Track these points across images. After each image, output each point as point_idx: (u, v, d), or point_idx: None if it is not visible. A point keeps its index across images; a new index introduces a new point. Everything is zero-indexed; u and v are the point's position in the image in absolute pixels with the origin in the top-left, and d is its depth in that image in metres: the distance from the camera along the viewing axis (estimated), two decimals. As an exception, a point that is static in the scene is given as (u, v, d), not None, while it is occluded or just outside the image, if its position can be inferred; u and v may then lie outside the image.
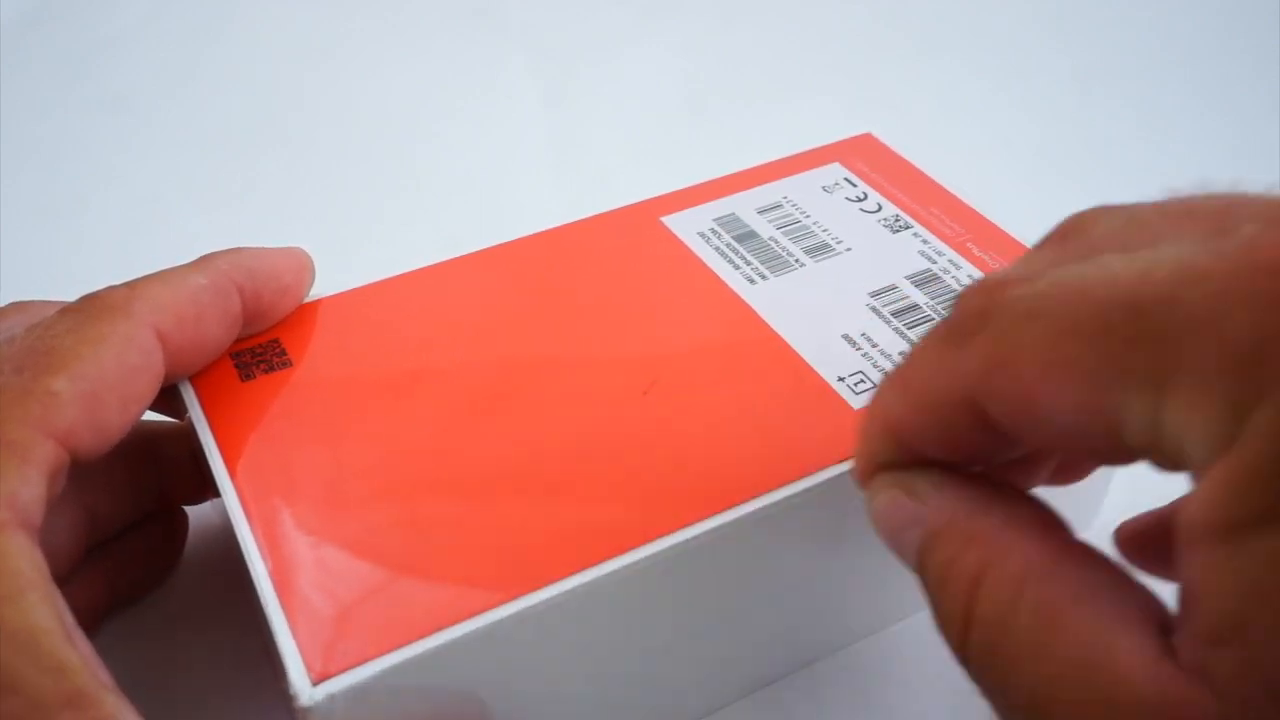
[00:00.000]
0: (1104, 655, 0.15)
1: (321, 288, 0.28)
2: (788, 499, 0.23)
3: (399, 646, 0.20)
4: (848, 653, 0.28)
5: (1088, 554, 0.18)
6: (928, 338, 0.19)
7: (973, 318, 0.18)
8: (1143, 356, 0.15)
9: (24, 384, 0.21)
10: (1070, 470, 0.23)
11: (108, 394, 0.22)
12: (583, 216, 0.31)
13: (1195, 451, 0.14)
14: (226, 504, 0.23)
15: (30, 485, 0.20)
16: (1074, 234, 0.19)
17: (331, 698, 0.20)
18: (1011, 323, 0.17)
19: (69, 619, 0.20)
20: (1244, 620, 0.14)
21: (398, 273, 0.29)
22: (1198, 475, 0.15)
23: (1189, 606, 0.15)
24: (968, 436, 0.19)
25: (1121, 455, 0.16)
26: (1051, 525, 0.18)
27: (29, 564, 0.19)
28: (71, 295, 0.27)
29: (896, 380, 0.20)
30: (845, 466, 0.23)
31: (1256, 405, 0.14)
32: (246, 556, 0.22)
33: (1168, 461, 0.15)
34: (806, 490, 0.23)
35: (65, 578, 0.25)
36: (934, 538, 0.19)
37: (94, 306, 0.23)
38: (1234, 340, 0.14)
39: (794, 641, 0.27)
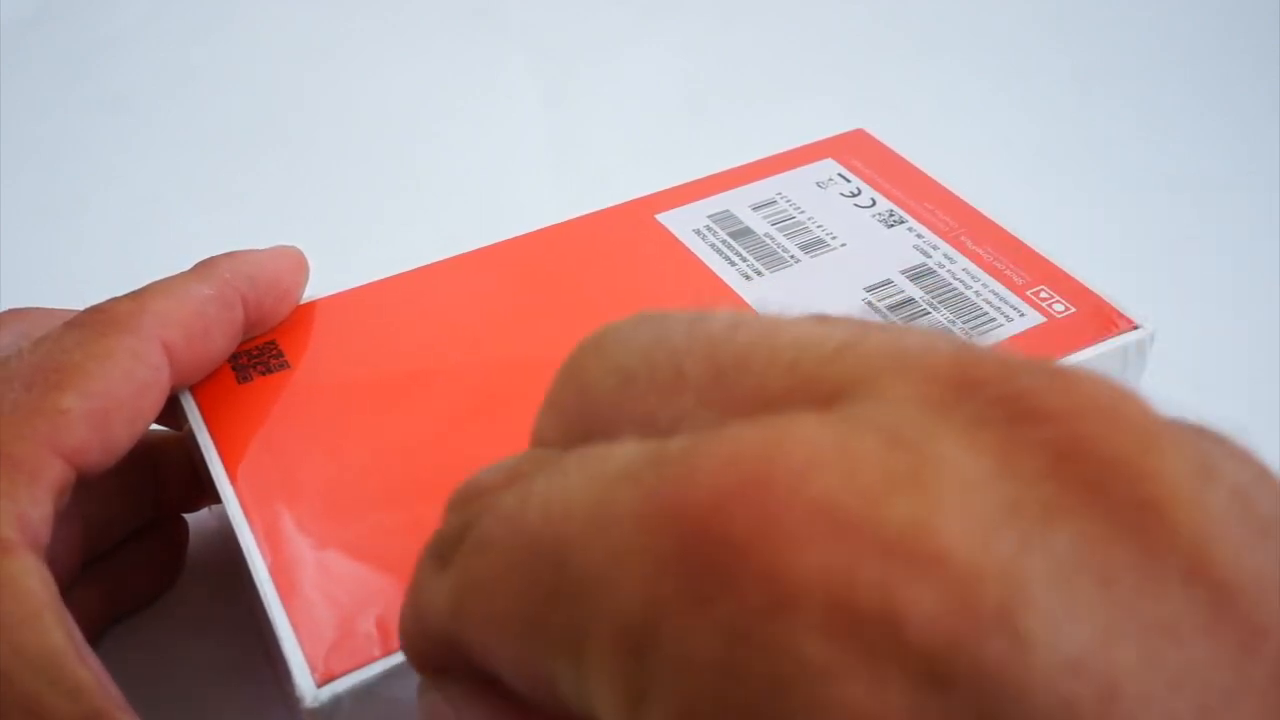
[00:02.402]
0: None
1: (321, 288, 0.28)
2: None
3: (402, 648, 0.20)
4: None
5: None
6: (426, 548, 0.16)
7: (450, 537, 0.15)
8: (560, 616, 0.12)
9: (33, 401, 0.21)
10: None
11: (116, 410, 0.22)
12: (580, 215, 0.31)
13: None
14: (226, 508, 0.23)
15: (39, 505, 0.20)
16: (571, 390, 0.16)
17: (336, 698, 0.20)
18: (469, 555, 0.14)
19: (79, 637, 0.20)
20: None
21: (395, 273, 0.29)
22: None
23: None
24: (464, 668, 0.15)
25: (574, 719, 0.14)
26: None
27: (41, 585, 0.20)
28: (72, 296, 0.27)
29: (409, 590, 0.17)
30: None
31: (648, 699, 0.11)
32: (248, 560, 0.22)
33: None
34: None
35: (64, 591, 0.25)
36: None
37: (101, 321, 0.23)
38: (626, 613, 0.11)
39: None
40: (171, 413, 0.25)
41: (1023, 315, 0.27)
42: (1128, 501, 0.11)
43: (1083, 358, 0.26)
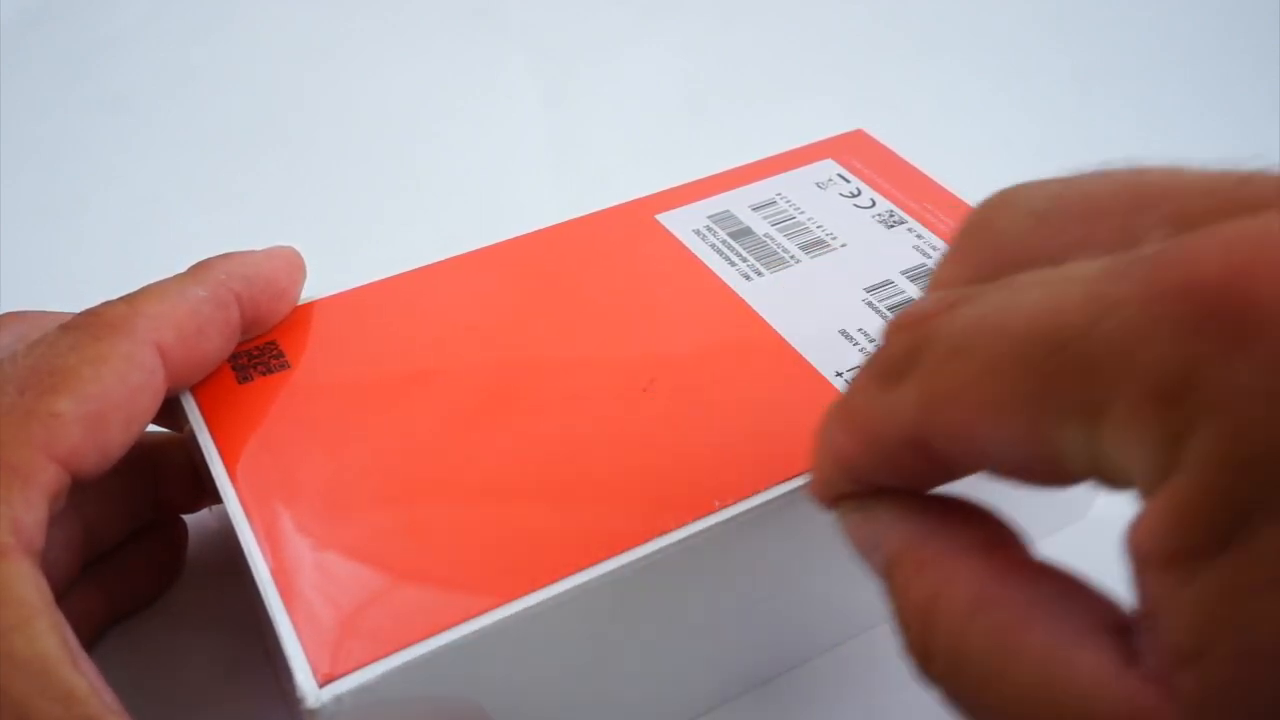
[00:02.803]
0: (1064, 671, 0.15)
1: (321, 288, 0.28)
2: (787, 495, 0.23)
3: (403, 648, 0.20)
4: (846, 648, 0.28)
5: (1038, 569, 0.17)
6: (864, 372, 0.19)
7: (901, 357, 0.17)
8: (1071, 390, 0.15)
9: (27, 405, 0.21)
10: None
11: (111, 414, 0.22)
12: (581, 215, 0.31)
13: (1137, 477, 0.14)
14: (227, 508, 0.23)
15: (33, 509, 0.20)
16: (982, 238, 0.19)
17: (338, 699, 0.20)
18: (938, 362, 0.17)
19: (74, 643, 0.20)
20: (1204, 645, 0.14)
21: (395, 273, 0.29)
22: (1143, 500, 0.14)
23: (1150, 623, 0.15)
24: (916, 469, 0.18)
25: (1069, 481, 0.16)
26: (1003, 543, 0.18)
27: (34, 590, 0.19)
28: (72, 296, 0.27)
29: (841, 414, 0.19)
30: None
31: (1189, 435, 0.13)
32: (249, 560, 0.22)
33: (1115, 484, 0.15)
34: (807, 485, 0.23)
35: (62, 593, 0.25)
36: (891, 565, 0.18)
37: (95, 324, 0.23)
38: (1158, 371, 0.14)
39: (793, 637, 0.27)
40: (172, 414, 0.25)
41: (1023, 315, 0.27)
42: None
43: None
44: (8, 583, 0.19)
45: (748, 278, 0.29)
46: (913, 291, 0.28)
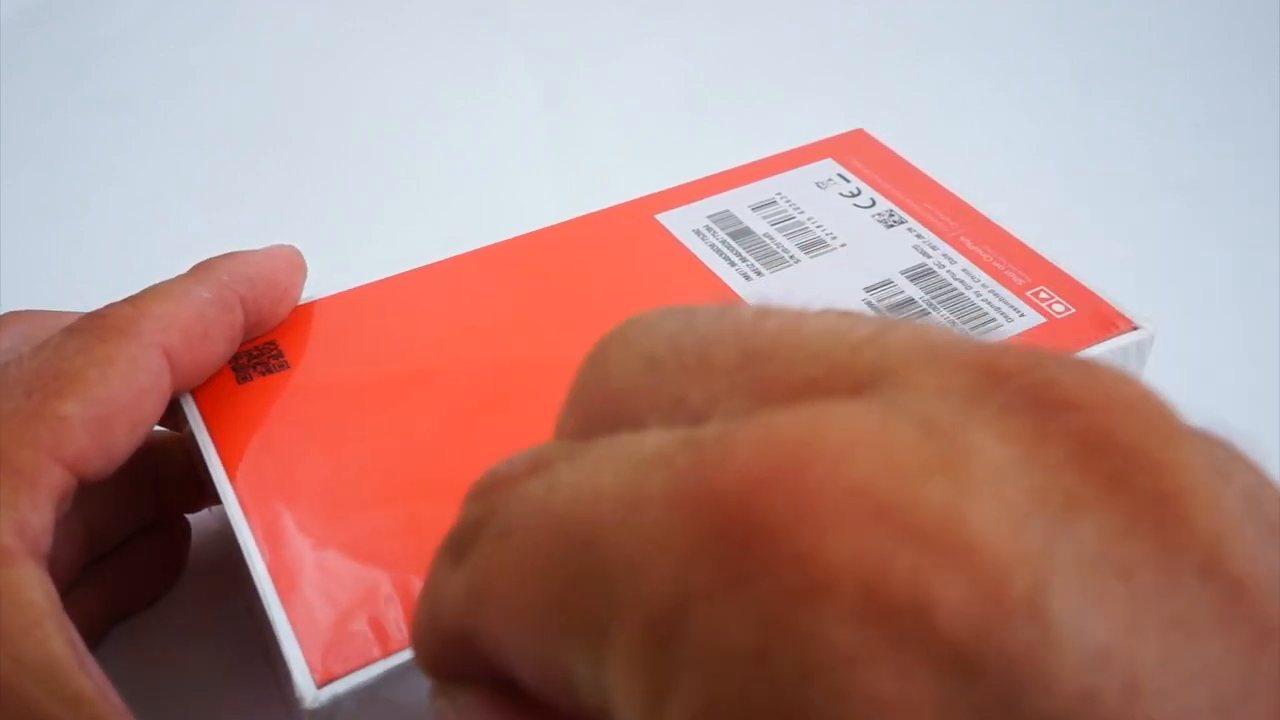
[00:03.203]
0: None
1: (321, 288, 0.28)
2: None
3: (402, 649, 0.20)
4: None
5: None
6: (442, 543, 0.16)
7: (467, 529, 0.15)
8: (582, 603, 0.12)
9: (33, 408, 0.21)
10: None
11: (117, 417, 0.22)
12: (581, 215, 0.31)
13: None
14: (226, 508, 0.23)
15: (39, 512, 0.20)
16: (593, 379, 0.16)
17: (336, 699, 0.20)
18: (489, 544, 0.14)
19: (80, 645, 0.20)
20: None
21: (395, 273, 0.29)
22: None
23: None
24: (475, 666, 0.15)
25: (584, 713, 0.13)
26: None
27: (41, 593, 0.19)
28: (72, 296, 0.27)
29: (423, 588, 0.16)
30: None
31: (672, 689, 0.11)
32: (248, 560, 0.22)
33: None
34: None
35: (64, 592, 0.25)
36: None
37: (100, 327, 0.23)
38: (655, 601, 0.11)
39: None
40: (172, 414, 0.25)
41: (1022, 315, 0.27)
42: (1148, 494, 0.11)
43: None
44: (15, 586, 0.19)
45: (747, 278, 0.29)
46: (913, 291, 0.28)
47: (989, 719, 0.10)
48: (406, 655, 0.20)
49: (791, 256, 0.29)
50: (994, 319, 0.27)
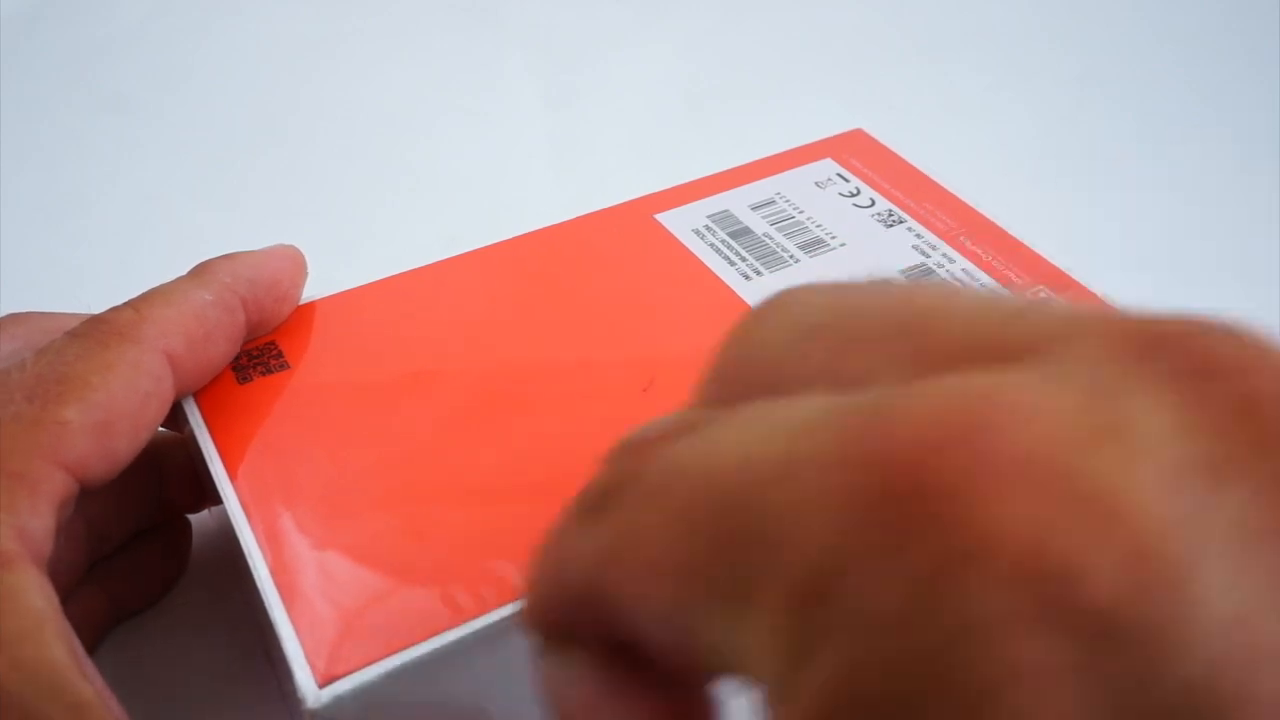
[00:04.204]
0: None
1: (321, 288, 0.28)
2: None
3: (404, 648, 0.20)
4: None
5: None
6: (573, 502, 0.16)
7: (610, 489, 0.15)
8: (726, 563, 0.12)
9: (35, 413, 0.21)
10: None
11: (119, 422, 0.22)
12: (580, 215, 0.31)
13: (768, 689, 0.12)
14: (227, 508, 0.23)
15: (41, 517, 0.20)
16: (739, 351, 0.16)
17: (338, 699, 0.20)
18: (633, 503, 0.14)
19: (80, 651, 0.20)
20: None
21: (395, 273, 0.29)
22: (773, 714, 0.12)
23: None
24: (595, 625, 0.15)
25: (704, 676, 0.14)
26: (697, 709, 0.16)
27: (42, 599, 0.19)
28: (73, 296, 0.27)
29: (547, 543, 0.17)
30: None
31: (816, 650, 0.11)
32: (249, 561, 0.22)
33: (750, 692, 0.13)
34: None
35: (66, 595, 0.25)
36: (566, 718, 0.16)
37: (102, 331, 0.23)
38: (804, 563, 0.11)
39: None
40: (172, 415, 0.25)
41: (1022, 315, 0.27)
42: None
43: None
44: (16, 591, 0.19)
45: (747, 277, 0.29)
46: (912, 291, 0.28)
47: (1127, 686, 0.10)
48: (409, 655, 0.20)
49: (791, 256, 0.29)
50: (993, 318, 0.27)
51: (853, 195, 0.31)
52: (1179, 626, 0.10)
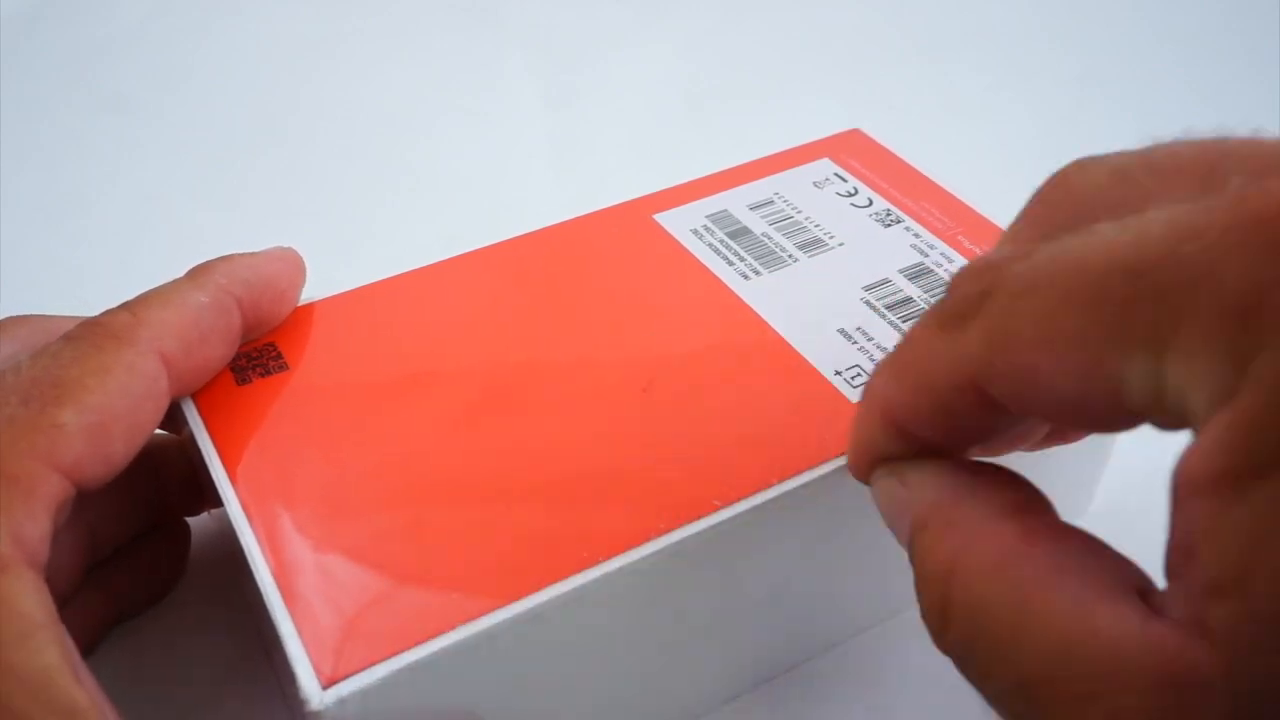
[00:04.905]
0: (1084, 627, 0.15)
1: (321, 288, 0.28)
2: (787, 494, 0.23)
3: (406, 649, 0.20)
4: (849, 646, 0.28)
5: (1063, 531, 0.18)
6: (922, 322, 0.19)
7: (969, 300, 0.18)
8: (1142, 318, 0.15)
9: (30, 416, 0.21)
10: (1065, 435, 0.23)
11: (114, 425, 0.22)
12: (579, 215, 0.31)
13: (1197, 406, 0.14)
14: (227, 510, 0.23)
15: (36, 521, 0.20)
16: (1058, 197, 0.19)
17: (341, 701, 0.20)
18: (1008, 301, 0.17)
19: (75, 656, 0.19)
20: (1246, 569, 0.13)
21: (395, 273, 0.29)
22: (1199, 430, 0.14)
23: (1185, 560, 0.14)
24: (968, 417, 0.19)
25: (1124, 420, 0.16)
26: (1031, 507, 0.18)
27: (36, 603, 0.19)
28: (72, 296, 0.27)
29: (893, 366, 0.20)
30: (845, 460, 0.23)
31: (1256, 354, 0.14)
32: (250, 563, 0.22)
33: (1171, 420, 0.15)
34: (806, 484, 0.23)
35: (67, 598, 0.25)
36: (919, 526, 0.19)
37: (98, 334, 0.23)
38: (1231, 292, 0.14)
39: (796, 636, 0.27)
40: (170, 416, 0.25)
41: (1020, 315, 0.27)
42: None
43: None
44: (10, 596, 0.19)
45: (746, 277, 0.29)
46: (911, 290, 0.28)
47: None
48: (411, 656, 0.20)
49: (790, 256, 0.29)
50: (992, 318, 0.27)
51: (850, 195, 0.31)
52: None
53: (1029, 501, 0.19)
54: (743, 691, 0.27)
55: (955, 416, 0.19)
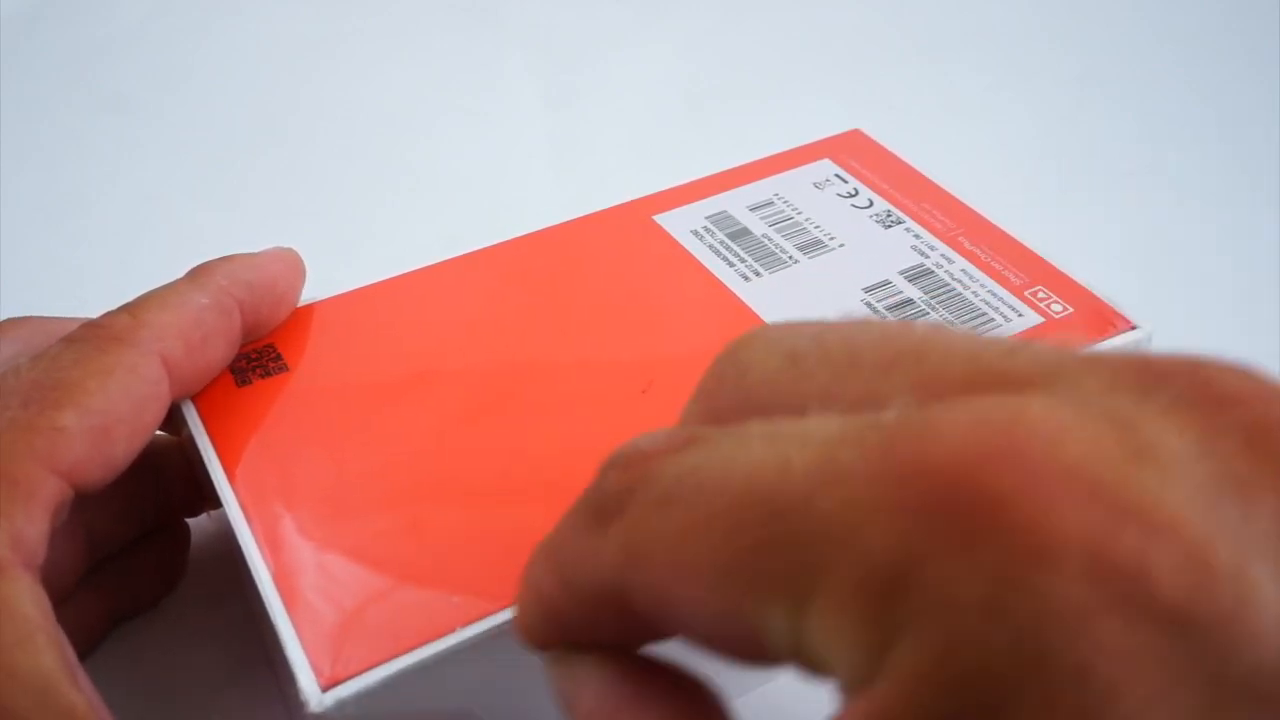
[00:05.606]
0: None
1: (321, 288, 0.28)
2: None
3: (406, 651, 0.20)
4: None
5: None
6: (574, 510, 0.17)
7: (612, 497, 0.16)
8: (780, 564, 0.13)
9: (30, 419, 0.21)
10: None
11: (115, 427, 0.22)
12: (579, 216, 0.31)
13: (840, 674, 0.13)
14: (227, 511, 0.23)
15: (35, 523, 0.20)
16: (731, 375, 0.17)
17: (341, 703, 0.20)
18: (646, 511, 0.15)
19: (72, 659, 0.20)
20: None
21: (395, 274, 0.29)
22: (844, 694, 0.13)
23: None
24: (616, 625, 0.17)
25: (767, 663, 0.14)
26: (699, 713, 0.17)
27: (34, 606, 0.19)
28: (72, 297, 0.27)
29: (547, 554, 0.18)
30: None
31: (897, 640, 0.12)
32: (250, 564, 0.22)
33: (817, 675, 0.14)
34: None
35: (65, 599, 0.25)
36: None
37: (98, 336, 0.23)
38: (873, 562, 0.12)
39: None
40: (170, 418, 0.25)
41: (1021, 316, 0.27)
42: None
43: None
44: (8, 598, 0.19)
45: (746, 278, 0.29)
46: (911, 292, 0.28)
47: (1205, 669, 0.11)
48: (411, 658, 0.20)
49: (790, 257, 0.29)
50: (992, 319, 0.27)
51: (851, 196, 0.31)
52: (1247, 616, 0.11)
53: (697, 711, 0.17)
54: (743, 693, 0.27)
55: (605, 623, 0.17)
